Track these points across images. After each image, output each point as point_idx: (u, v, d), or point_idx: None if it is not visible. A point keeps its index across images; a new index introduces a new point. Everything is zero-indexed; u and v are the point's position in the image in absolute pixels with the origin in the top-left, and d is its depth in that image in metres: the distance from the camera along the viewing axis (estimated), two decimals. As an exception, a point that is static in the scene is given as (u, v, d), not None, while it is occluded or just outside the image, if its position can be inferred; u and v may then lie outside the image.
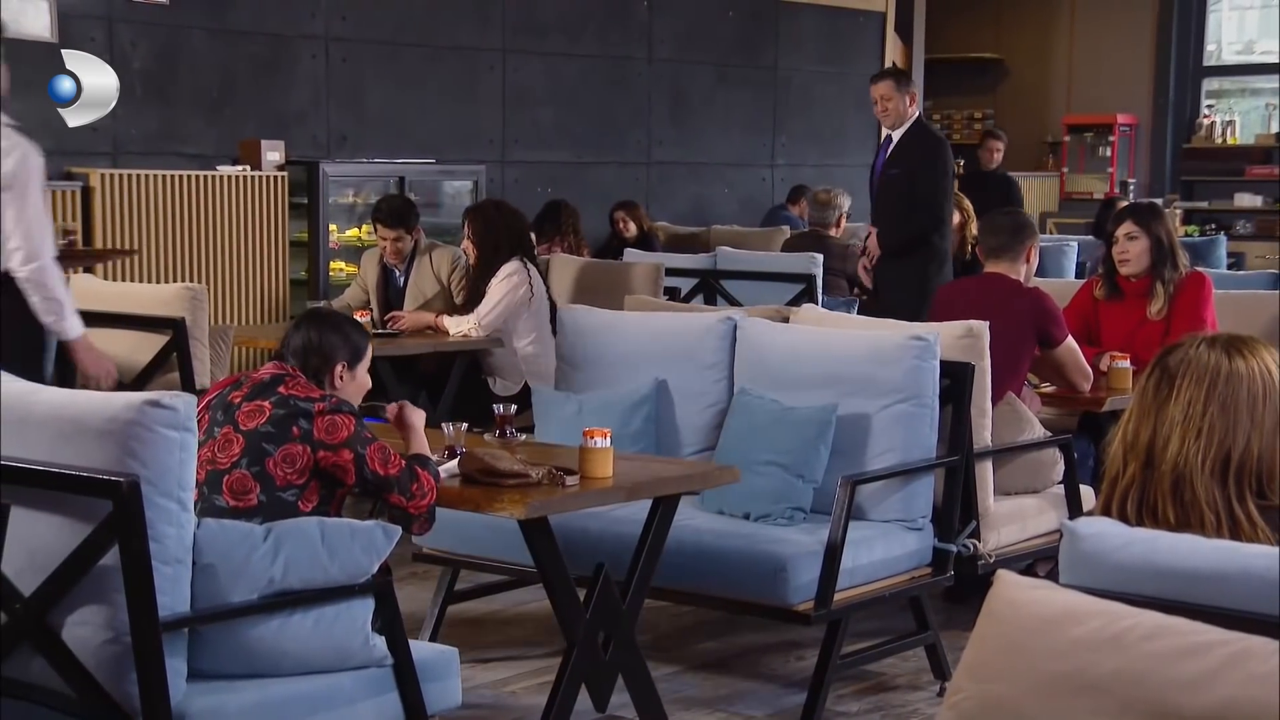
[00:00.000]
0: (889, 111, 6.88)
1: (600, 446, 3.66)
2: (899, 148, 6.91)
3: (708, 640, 4.87)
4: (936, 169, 6.84)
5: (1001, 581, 2.09)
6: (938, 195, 6.84)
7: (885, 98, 6.89)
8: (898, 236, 6.87)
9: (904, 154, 6.88)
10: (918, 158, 6.84)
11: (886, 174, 6.95)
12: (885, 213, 6.98)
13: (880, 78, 7.07)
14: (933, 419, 4.26)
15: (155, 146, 8.18)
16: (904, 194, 6.83)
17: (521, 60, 9.90)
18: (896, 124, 6.90)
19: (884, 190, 6.99)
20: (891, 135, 6.95)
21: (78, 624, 2.91)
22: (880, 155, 7.10)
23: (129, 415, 2.88)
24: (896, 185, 6.87)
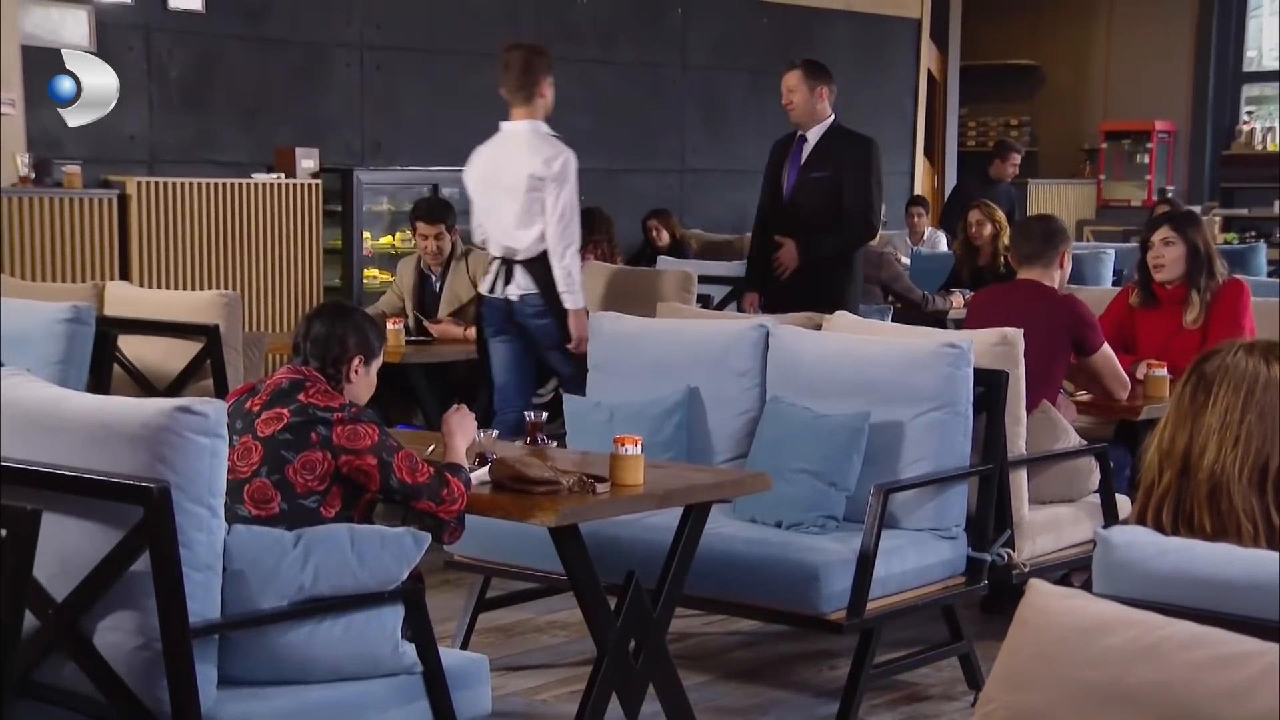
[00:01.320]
0: (795, 106, 6.19)
1: (631, 454, 3.65)
2: (820, 149, 6.21)
3: (739, 649, 4.85)
4: (869, 173, 6.19)
5: (1034, 590, 2.07)
6: (870, 202, 6.20)
7: (791, 89, 6.20)
8: (825, 248, 6.15)
9: (828, 155, 6.19)
10: (846, 160, 6.16)
11: (806, 177, 6.22)
12: (805, 221, 6.19)
13: (790, 67, 6.31)
14: (966, 427, 4.23)
15: (191, 154, 8.22)
16: (830, 201, 6.15)
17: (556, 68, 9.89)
18: (806, 121, 6.21)
19: (803, 196, 6.22)
20: (806, 135, 6.24)
21: (109, 630, 2.92)
22: (794, 157, 6.27)
23: (160, 421, 2.88)
24: (821, 190, 6.16)
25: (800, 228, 6.18)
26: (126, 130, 8.01)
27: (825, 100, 6.21)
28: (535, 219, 5.58)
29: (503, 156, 5.69)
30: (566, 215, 5.53)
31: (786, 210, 6.25)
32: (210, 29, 8.26)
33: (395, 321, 6.24)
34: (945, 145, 12.91)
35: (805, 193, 6.19)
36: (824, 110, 6.23)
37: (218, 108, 8.33)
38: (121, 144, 7.98)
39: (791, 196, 6.24)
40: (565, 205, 5.53)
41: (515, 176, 5.59)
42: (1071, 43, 14.58)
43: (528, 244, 5.62)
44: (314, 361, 3.46)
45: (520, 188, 5.58)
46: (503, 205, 5.66)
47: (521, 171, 5.58)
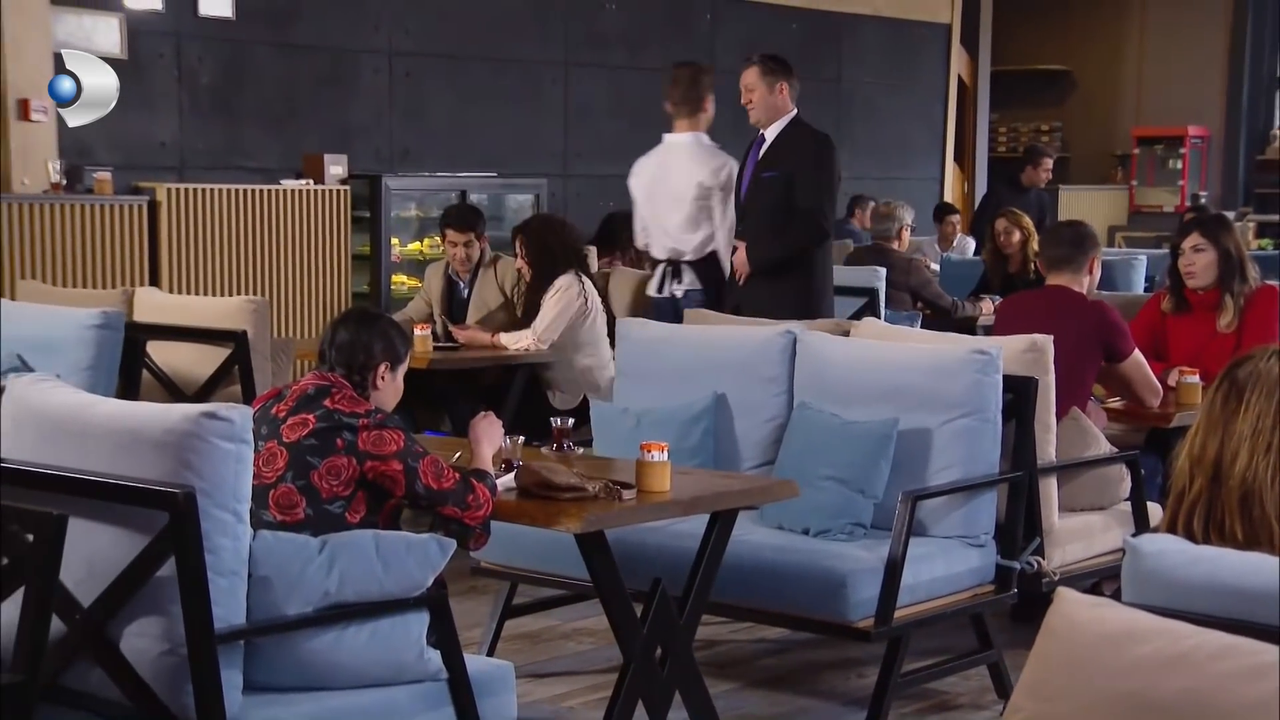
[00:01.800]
0: (754, 104, 5.94)
1: (657, 460, 3.63)
2: (775, 147, 5.94)
3: (766, 656, 4.83)
4: (821, 171, 5.89)
5: (1061, 599, 2.06)
6: (822, 202, 5.89)
7: (750, 88, 5.95)
8: (773, 251, 5.88)
9: (780, 154, 5.92)
10: (798, 158, 5.90)
11: (759, 177, 5.95)
12: (757, 223, 5.94)
13: (747, 64, 6.04)
14: (995, 434, 4.20)
15: (220, 161, 8.26)
16: (780, 201, 5.88)
17: (583, 73, 9.92)
18: (767, 119, 5.96)
19: (756, 196, 5.96)
20: (765, 133, 6.00)
21: (135, 635, 2.92)
22: (751, 156, 6.04)
23: (185, 427, 2.89)
24: (771, 190, 5.90)
25: (753, 229, 5.95)
26: (157, 137, 8.06)
27: (785, 96, 5.96)
28: (701, 223, 6.25)
29: (668, 166, 6.30)
30: (733, 217, 6.19)
31: (742, 211, 6.03)
32: (240, 36, 8.31)
33: (423, 328, 6.25)
34: (975, 151, 12.87)
35: (758, 193, 5.96)
36: (784, 106, 5.97)
37: (247, 114, 8.36)
38: (152, 150, 8.03)
39: (747, 197, 6.01)
40: (727, 206, 6.21)
41: (682, 185, 6.24)
42: (1104, 47, 14.51)
43: (693, 246, 6.28)
44: (340, 368, 3.46)
45: (687, 195, 6.24)
46: (669, 211, 6.30)
47: (689, 180, 6.23)
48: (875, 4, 11.61)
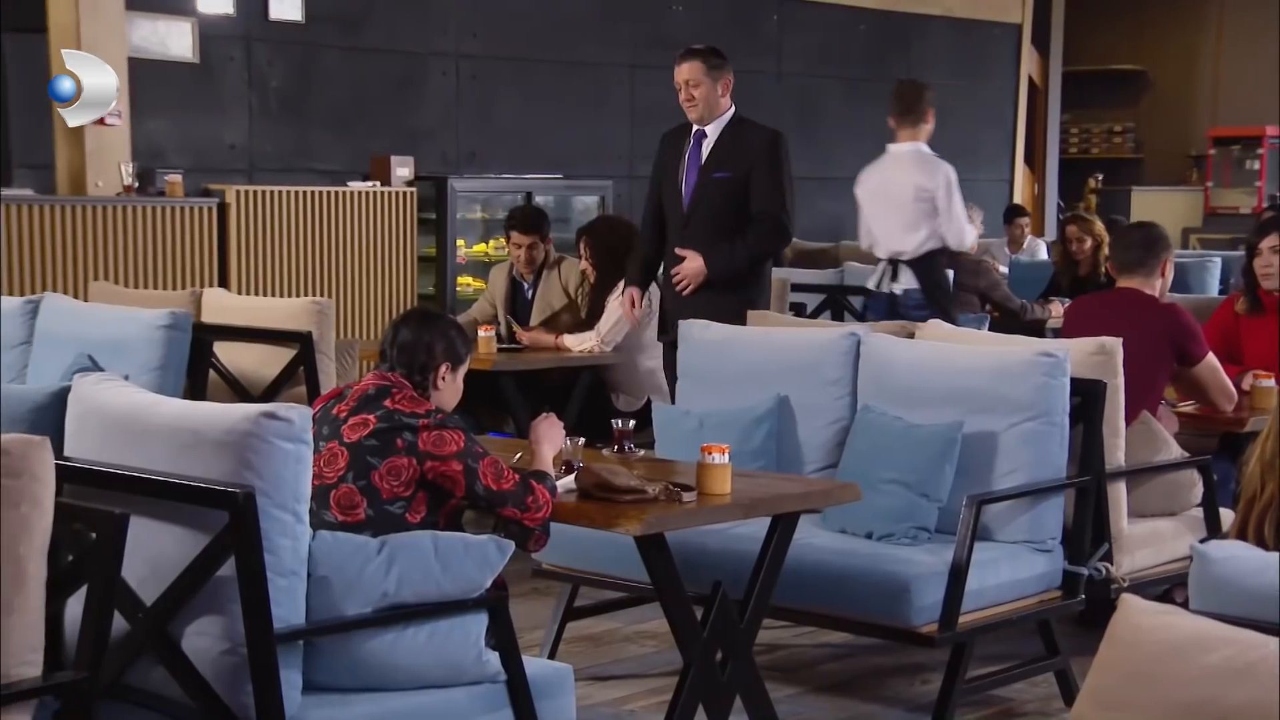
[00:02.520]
0: (696, 101, 5.53)
1: (718, 462, 3.61)
2: (721, 147, 5.57)
3: (829, 661, 4.79)
4: (778, 169, 5.54)
5: (1126, 606, 2.02)
6: (784, 202, 5.55)
7: (693, 83, 5.52)
8: (736, 259, 5.51)
9: (731, 153, 5.55)
10: (751, 157, 5.52)
11: (708, 179, 5.57)
12: (707, 227, 5.56)
13: (687, 57, 5.60)
14: (1062, 438, 4.14)
15: (289, 163, 8.33)
16: (733, 203, 5.53)
17: (650, 75, 9.90)
18: (707, 116, 5.56)
19: (704, 199, 5.58)
20: (705, 131, 5.60)
21: (196, 634, 2.94)
22: (692, 157, 5.62)
23: (245, 427, 2.90)
24: (724, 193, 5.54)
25: (704, 235, 5.54)
26: (227, 139, 8.14)
27: (728, 92, 5.60)
28: (921, 225, 6.50)
29: (891, 174, 6.62)
30: (958, 215, 6.52)
31: (687, 216, 5.60)
32: (309, 39, 8.37)
33: (487, 329, 6.26)
34: (1046, 153, 12.73)
35: (707, 196, 5.57)
36: (725, 102, 5.60)
37: (315, 117, 8.43)
38: (222, 153, 8.11)
39: (692, 201, 5.59)
40: (956, 208, 6.51)
41: (904, 190, 6.50)
42: (1179, 47, 14.30)
43: (913, 247, 6.52)
44: (401, 368, 3.47)
45: (908, 199, 6.49)
46: (891, 215, 6.58)
47: (910, 185, 6.49)
48: (945, 4, 11.51)
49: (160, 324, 4.91)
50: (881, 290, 6.65)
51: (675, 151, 5.65)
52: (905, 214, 6.54)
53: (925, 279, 6.52)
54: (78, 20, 7.35)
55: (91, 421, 3.18)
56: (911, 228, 6.54)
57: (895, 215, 6.58)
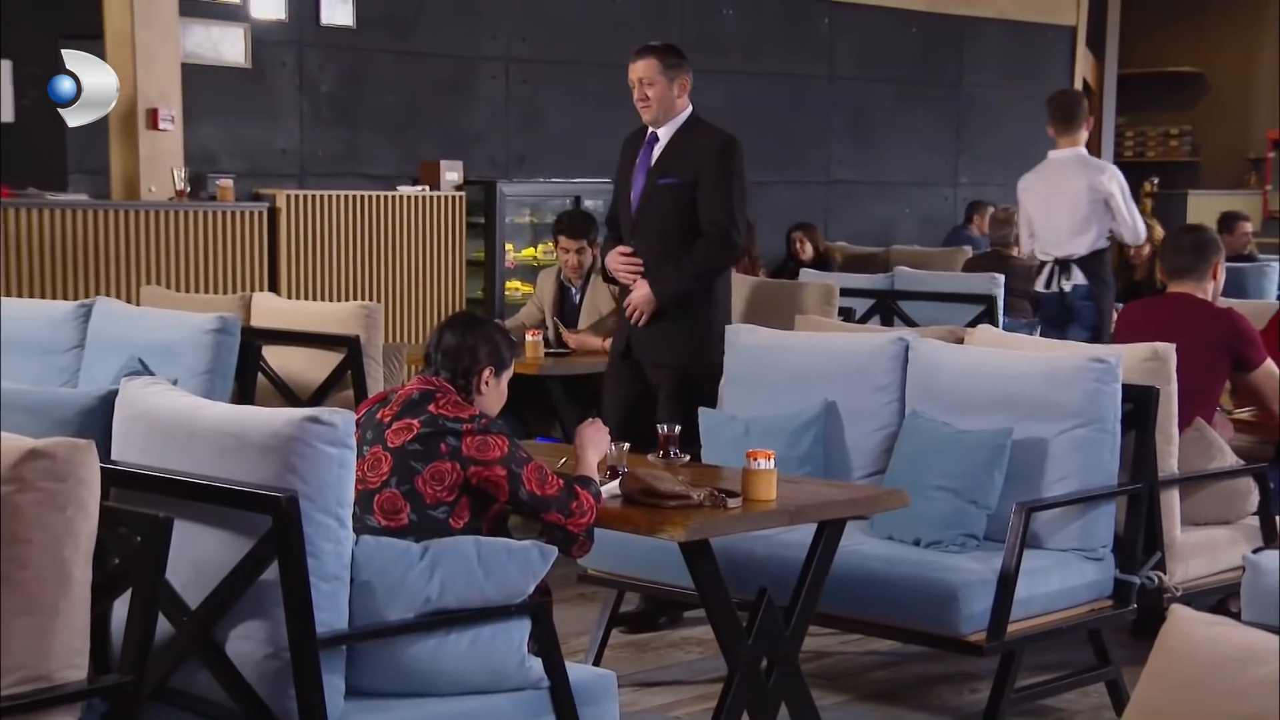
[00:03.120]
0: (650, 101, 5.14)
1: (764, 468, 3.59)
2: (672, 150, 5.15)
3: (877, 669, 4.75)
4: (730, 177, 5.12)
5: (1176, 617, 1.98)
6: (732, 213, 5.10)
7: (648, 81, 5.14)
8: (682, 279, 5.08)
9: (680, 157, 5.13)
10: (701, 162, 5.11)
11: (654, 185, 5.14)
12: (653, 236, 5.14)
13: (642, 54, 5.23)
14: (1114, 445, 4.09)
15: (339, 167, 8.37)
16: (678, 212, 5.10)
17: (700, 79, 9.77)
18: (661, 118, 5.17)
19: (651, 206, 5.16)
20: (657, 133, 5.20)
21: (240, 638, 2.95)
22: (643, 159, 5.22)
23: (289, 431, 2.90)
24: (670, 199, 5.12)
25: (650, 243, 5.14)
26: (278, 144, 8.19)
27: (685, 92, 5.23)
28: (1091, 226, 6.91)
29: (1059, 178, 7.00)
30: (1131, 209, 6.96)
31: (635, 222, 5.20)
32: (360, 44, 8.41)
33: (535, 333, 6.26)
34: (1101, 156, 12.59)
35: (653, 203, 5.16)
36: (682, 104, 5.21)
37: (366, 121, 8.47)
38: (273, 158, 8.16)
39: (639, 208, 5.19)
40: (1128, 205, 6.93)
41: (1075, 192, 6.91)
42: (1238, 48, 14.12)
43: (1085, 247, 6.94)
44: (445, 372, 3.46)
45: (1079, 201, 6.90)
46: (1060, 217, 6.98)
47: (1080, 188, 6.90)
48: (998, 6, 11.42)
49: (209, 328, 4.93)
50: (1051, 289, 7.02)
51: (632, 154, 5.29)
52: (1077, 215, 6.92)
53: (1094, 276, 6.90)
54: (132, 27, 7.42)
55: (138, 425, 3.19)
56: (1083, 228, 6.93)
57: (1066, 217, 6.97)
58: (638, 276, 5.18)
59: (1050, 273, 7.06)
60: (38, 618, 2.50)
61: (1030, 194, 7.18)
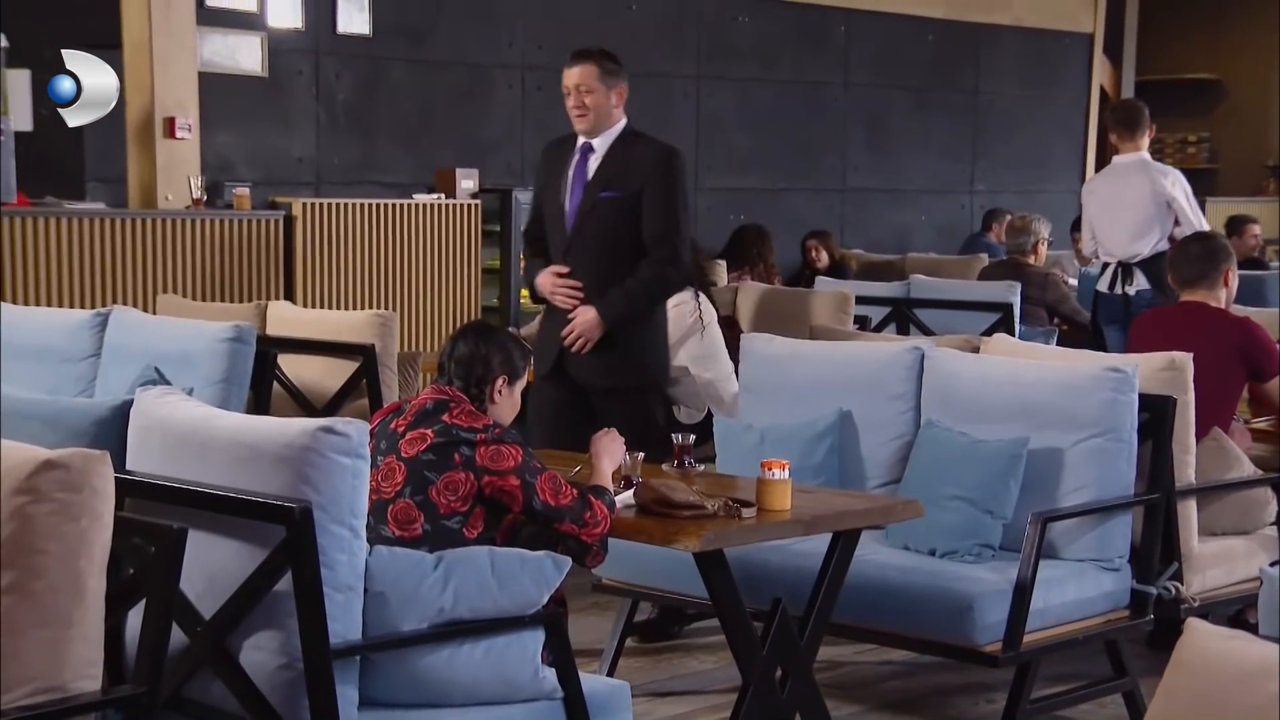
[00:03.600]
0: (588, 110, 4.84)
1: (778, 478, 3.58)
2: (611, 162, 4.86)
3: (892, 679, 4.73)
4: (675, 191, 4.85)
5: (1192, 630, 1.97)
6: (680, 228, 4.86)
7: (585, 89, 4.84)
8: (634, 300, 4.82)
9: (621, 169, 4.84)
10: (644, 174, 4.82)
11: (595, 199, 4.84)
12: (592, 253, 4.85)
13: (579, 59, 4.93)
14: (1130, 454, 4.07)
15: (355, 176, 8.39)
16: (620, 228, 4.82)
17: (715, 86, 9.89)
18: (597, 128, 4.87)
19: (590, 222, 4.86)
20: (592, 144, 4.90)
21: (254, 648, 2.95)
22: (578, 172, 4.91)
23: (303, 441, 2.91)
24: (613, 215, 4.83)
25: (590, 261, 4.85)
26: (294, 152, 8.21)
27: (622, 102, 4.93)
28: (1154, 229, 7.14)
29: (1123, 182, 7.27)
30: (1196, 212, 7.21)
31: (570, 239, 4.89)
32: (376, 52, 8.43)
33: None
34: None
35: (592, 218, 4.85)
36: (618, 114, 4.92)
37: (382, 129, 8.49)
38: (289, 166, 8.18)
39: (577, 224, 4.87)
40: (1191, 207, 7.18)
41: (1139, 197, 7.17)
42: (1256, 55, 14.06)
43: (1148, 250, 7.16)
44: (458, 381, 3.47)
45: (1142, 204, 7.17)
46: (1125, 221, 7.22)
47: (1144, 193, 7.17)
48: (1015, 14, 11.41)
49: (225, 337, 4.94)
50: (1115, 292, 7.22)
51: (558, 166, 4.97)
52: (1140, 219, 7.18)
53: (1156, 279, 7.05)
54: (150, 36, 7.44)
55: (153, 436, 3.20)
56: (1146, 231, 7.17)
57: (1129, 221, 7.21)
58: (577, 302, 4.84)
59: (1114, 275, 7.25)
60: (53, 629, 2.50)
61: (1094, 198, 7.44)
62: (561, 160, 4.97)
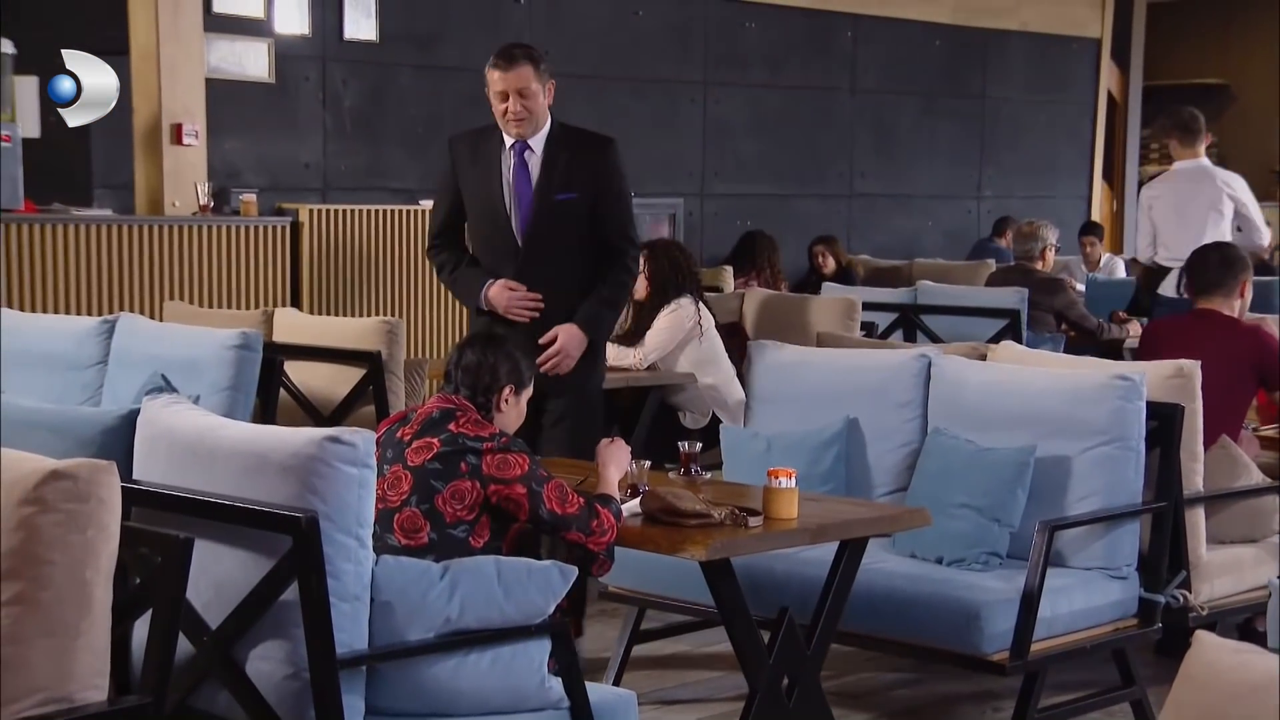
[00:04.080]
0: (531, 115, 4.53)
1: (785, 487, 3.57)
2: (554, 162, 4.58)
3: (899, 688, 4.72)
4: (625, 187, 4.67)
5: (1201, 644, 1.96)
6: (632, 229, 4.71)
7: (527, 93, 4.49)
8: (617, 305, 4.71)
9: (569, 168, 4.57)
10: (597, 174, 4.60)
11: (548, 202, 4.57)
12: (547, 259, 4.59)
13: (516, 61, 4.53)
14: (1138, 463, 4.06)
15: (362, 182, 8.39)
16: (577, 229, 4.59)
17: (723, 92, 9.88)
18: (536, 129, 4.58)
19: (545, 224, 4.59)
20: (528, 144, 4.59)
21: (260, 658, 2.95)
22: (519, 175, 4.61)
23: (310, 451, 2.90)
24: (571, 218, 4.58)
25: (545, 268, 4.58)
26: (301, 159, 8.21)
27: (551, 97, 4.63)
28: (1219, 233, 7.26)
29: (1185, 187, 7.50)
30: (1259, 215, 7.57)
31: (523, 246, 4.60)
32: (383, 58, 8.43)
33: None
34: (1125, 169, 12.54)
35: (547, 223, 4.58)
36: (548, 109, 4.64)
37: (389, 136, 8.48)
38: (296, 172, 8.18)
39: (530, 231, 4.59)
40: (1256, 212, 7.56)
41: (1200, 201, 7.40)
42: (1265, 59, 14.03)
43: None
44: (464, 390, 3.47)
45: (1208, 209, 7.38)
46: (1189, 225, 7.36)
47: (1210, 197, 7.41)
48: (1022, 19, 11.40)
49: (231, 344, 4.93)
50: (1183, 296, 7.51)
51: (486, 165, 4.64)
52: (1203, 223, 7.34)
53: None
54: (158, 42, 7.45)
55: (160, 445, 3.20)
56: (1209, 235, 7.23)
57: (1193, 225, 7.34)
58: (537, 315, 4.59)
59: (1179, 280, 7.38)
60: (59, 639, 2.50)
61: (1160, 203, 7.60)
62: (488, 159, 4.64)
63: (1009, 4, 11.26)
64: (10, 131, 6.72)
